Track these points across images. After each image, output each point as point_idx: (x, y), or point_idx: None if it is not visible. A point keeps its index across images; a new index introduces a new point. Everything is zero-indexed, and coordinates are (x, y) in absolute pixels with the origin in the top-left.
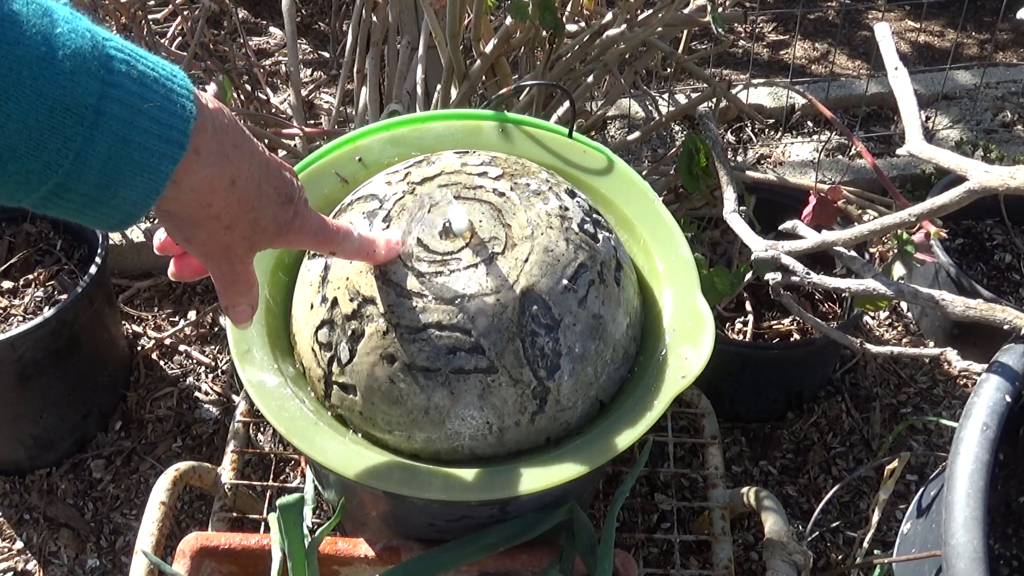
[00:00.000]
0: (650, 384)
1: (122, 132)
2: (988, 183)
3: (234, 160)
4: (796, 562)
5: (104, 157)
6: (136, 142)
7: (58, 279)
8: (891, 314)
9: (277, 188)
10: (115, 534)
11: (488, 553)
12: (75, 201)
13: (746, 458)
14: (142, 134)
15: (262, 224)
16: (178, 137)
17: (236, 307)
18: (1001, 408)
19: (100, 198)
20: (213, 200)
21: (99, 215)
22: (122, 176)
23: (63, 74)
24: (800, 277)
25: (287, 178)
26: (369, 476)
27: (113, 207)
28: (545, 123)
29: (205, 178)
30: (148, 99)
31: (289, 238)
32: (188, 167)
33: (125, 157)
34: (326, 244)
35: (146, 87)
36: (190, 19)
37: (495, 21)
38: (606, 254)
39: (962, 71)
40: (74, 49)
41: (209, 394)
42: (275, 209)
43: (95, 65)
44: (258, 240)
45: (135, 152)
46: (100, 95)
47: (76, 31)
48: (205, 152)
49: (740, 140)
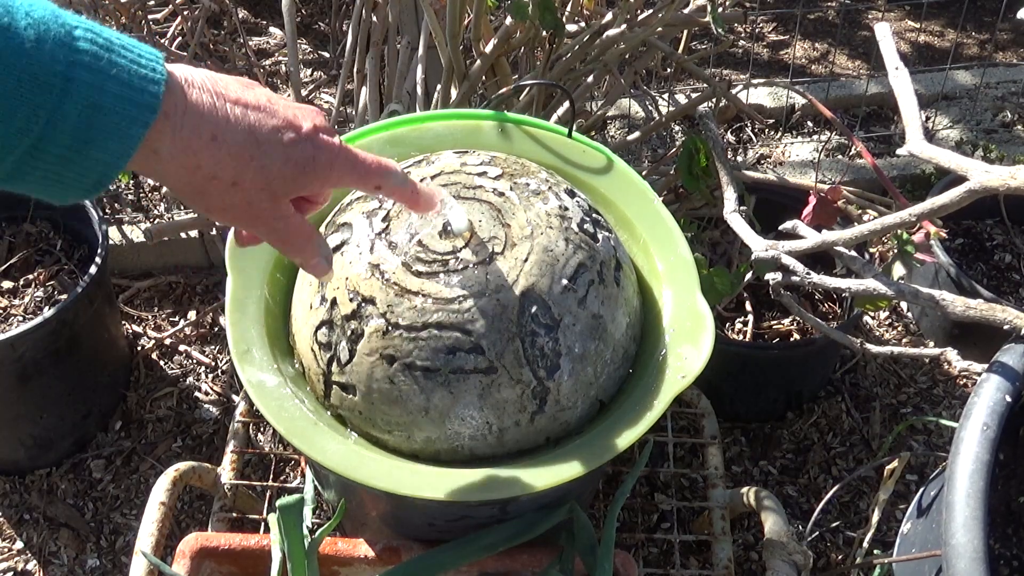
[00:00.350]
0: (650, 384)
1: (92, 98)
2: (988, 183)
3: (209, 115)
4: (796, 562)
5: (75, 122)
6: (107, 107)
7: (58, 279)
8: (891, 314)
9: (279, 129)
10: (115, 534)
11: (488, 553)
12: (48, 164)
13: (746, 458)
14: (112, 99)
15: (274, 170)
16: (149, 100)
17: (307, 263)
18: (1001, 408)
19: (73, 159)
20: (200, 161)
21: (71, 178)
22: (94, 140)
23: (28, 42)
24: (800, 277)
25: (296, 116)
26: (369, 476)
27: (86, 168)
28: (545, 123)
29: (181, 140)
30: (117, 64)
31: (320, 175)
32: (160, 132)
33: (96, 122)
34: (369, 178)
35: (113, 52)
36: (190, 19)
37: (495, 21)
38: (606, 254)
39: (962, 71)
40: (37, 19)
41: (209, 394)
42: (286, 151)
43: (61, 32)
44: (279, 187)
45: (106, 116)
46: (69, 62)
47: (35, 3)
48: (175, 114)
49: (740, 140)
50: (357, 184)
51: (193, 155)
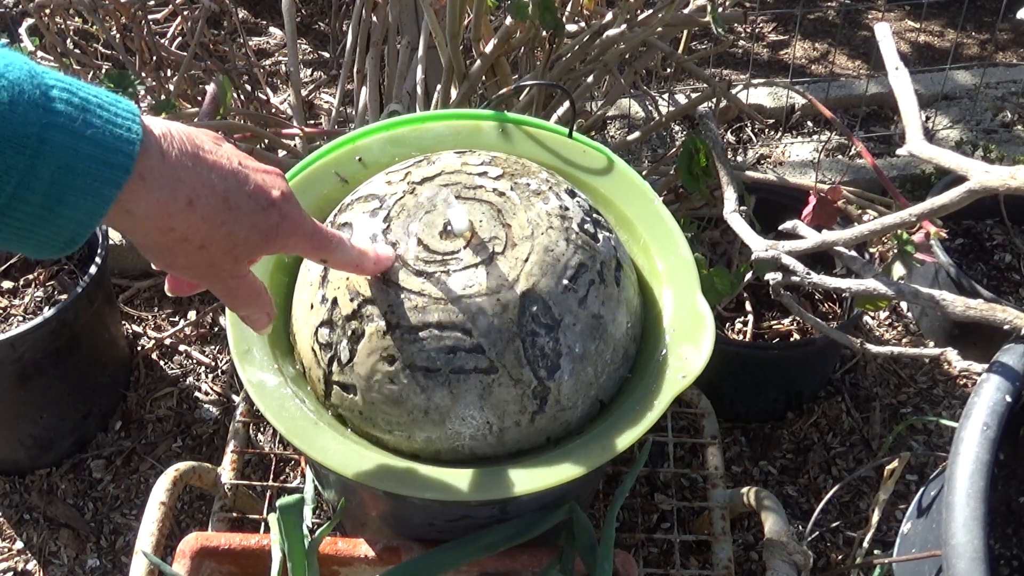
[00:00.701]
0: (650, 384)
1: (65, 159)
2: (988, 183)
3: (187, 180)
4: (796, 562)
5: (47, 183)
6: (79, 169)
7: (58, 279)
8: (891, 314)
9: (251, 196)
10: (115, 534)
11: (488, 553)
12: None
13: (746, 458)
14: (85, 160)
15: (240, 235)
16: (122, 161)
17: (249, 317)
18: (1001, 408)
19: (45, 217)
20: (173, 224)
21: (42, 237)
22: (65, 200)
23: (1, 105)
24: (800, 277)
25: (265, 183)
26: (369, 476)
27: (59, 227)
28: (545, 123)
29: (157, 202)
30: (91, 124)
31: (279, 243)
32: (135, 194)
33: (68, 183)
34: (319, 250)
35: (89, 112)
36: (190, 19)
37: (495, 21)
38: (606, 254)
39: (962, 71)
40: (11, 80)
41: (209, 394)
42: (253, 217)
43: (36, 94)
44: (242, 251)
45: (78, 178)
46: (43, 124)
47: (11, 64)
48: (151, 177)
49: (740, 140)
50: (311, 253)
51: (168, 218)
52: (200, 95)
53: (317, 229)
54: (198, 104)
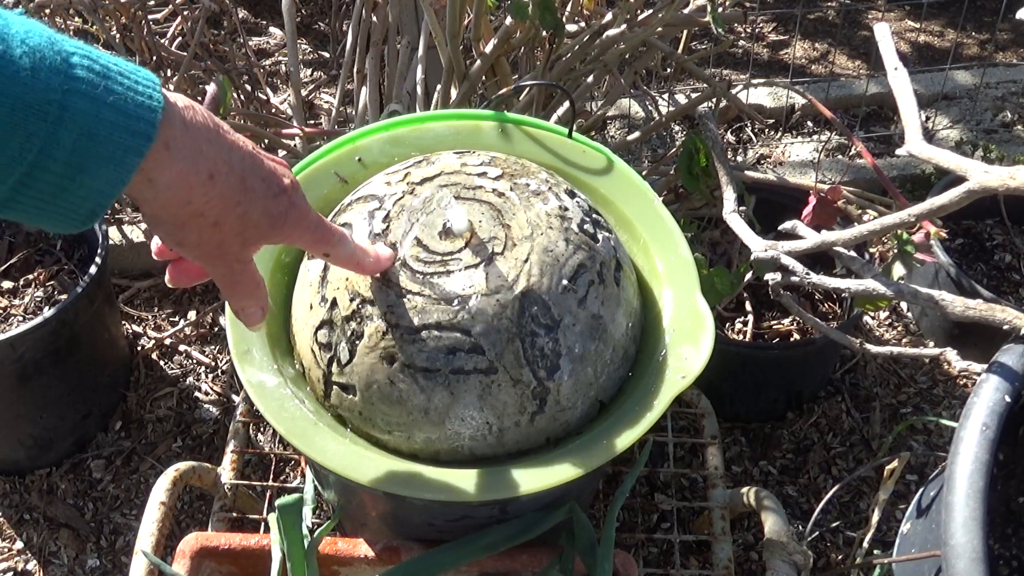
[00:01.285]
0: (650, 384)
1: (87, 126)
2: (988, 183)
3: (208, 155)
4: (796, 562)
5: (69, 151)
6: (101, 136)
7: (58, 279)
8: (891, 314)
9: (265, 180)
10: (115, 534)
11: (488, 553)
12: (41, 192)
13: (746, 458)
14: (107, 127)
15: (253, 218)
16: (145, 129)
17: (245, 309)
18: (1001, 408)
19: (67, 187)
20: (192, 196)
21: (64, 207)
22: (87, 168)
23: (23, 71)
24: (800, 277)
25: (277, 171)
26: (369, 476)
27: (80, 197)
28: (545, 123)
29: (179, 173)
30: (113, 91)
31: (286, 231)
32: (159, 162)
33: (90, 151)
34: (322, 243)
35: (110, 79)
36: (190, 19)
37: (495, 21)
38: (606, 254)
39: (962, 71)
40: (32, 46)
41: (209, 394)
42: (265, 202)
43: (57, 60)
44: (251, 235)
45: (100, 146)
46: (64, 90)
47: (31, 31)
48: (175, 146)
49: (740, 140)
50: (314, 246)
51: (188, 190)
52: (200, 95)
53: (321, 222)
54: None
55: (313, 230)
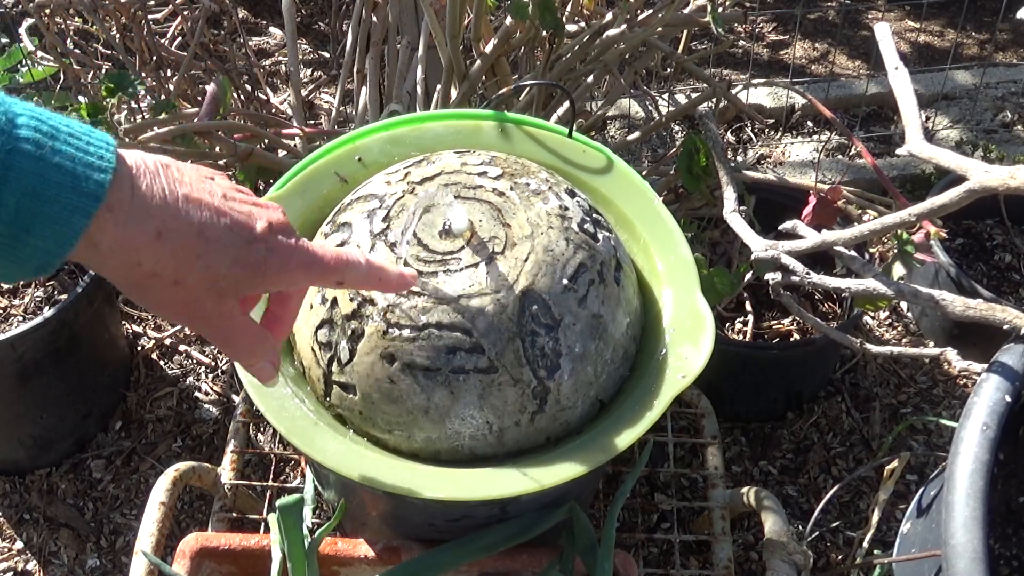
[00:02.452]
0: (650, 384)
1: (31, 186)
2: (988, 183)
3: (156, 214)
4: (796, 562)
5: (12, 211)
6: (47, 195)
7: (58, 279)
8: (891, 314)
9: (232, 229)
10: (115, 534)
11: (488, 553)
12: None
13: (746, 458)
14: (54, 188)
15: (221, 271)
16: (93, 189)
17: (252, 367)
18: (1001, 408)
19: (12, 245)
20: (141, 258)
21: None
22: (32, 228)
23: None
24: (800, 277)
25: (251, 216)
26: (369, 476)
27: (26, 255)
28: (545, 123)
29: (123, 235)
30: (59, 152)
31: (270, 278)
32: (103, 226)
33: (35, 211)
34: (325, 276)
35: (58, 140)
36: (190, 19)
37: (495, 21)
38: (606, 254)
39: (962, 71)
40: None
41: (209, 394)
42: (235, 251)
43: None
44: (227, 288)
45: (45, 206)
46: (7, 150)
47: None
48: (120, 208)
49: (740, 140)
50: (316, 282)
51: (134, 252)
52: (200, 95)
53: (315, 260)
54: (198, 104)
55: (306, 268)
